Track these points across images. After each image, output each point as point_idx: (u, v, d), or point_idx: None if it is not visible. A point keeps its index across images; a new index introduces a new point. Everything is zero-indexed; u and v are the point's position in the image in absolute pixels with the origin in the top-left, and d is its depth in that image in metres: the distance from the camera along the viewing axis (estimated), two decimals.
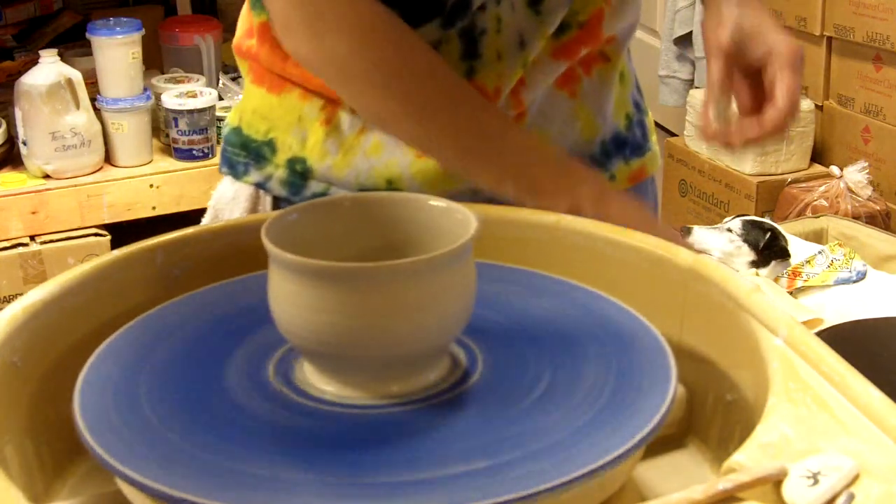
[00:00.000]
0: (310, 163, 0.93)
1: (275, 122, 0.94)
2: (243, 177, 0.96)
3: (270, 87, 0.94)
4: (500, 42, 0.87)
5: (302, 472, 0.56)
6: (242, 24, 0.99)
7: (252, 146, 0.95)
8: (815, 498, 0.50)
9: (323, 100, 0.91)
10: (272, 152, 0.94)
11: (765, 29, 0.82)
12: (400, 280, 0.59)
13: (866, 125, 2.75)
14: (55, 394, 0.67)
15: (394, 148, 0.90)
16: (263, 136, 0.95)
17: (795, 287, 2.24)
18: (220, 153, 1.00)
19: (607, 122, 0.96)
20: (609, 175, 0.96)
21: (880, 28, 2.63)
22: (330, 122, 0.91)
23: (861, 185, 2.62)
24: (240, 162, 0.96)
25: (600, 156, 0.95)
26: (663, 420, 0.58)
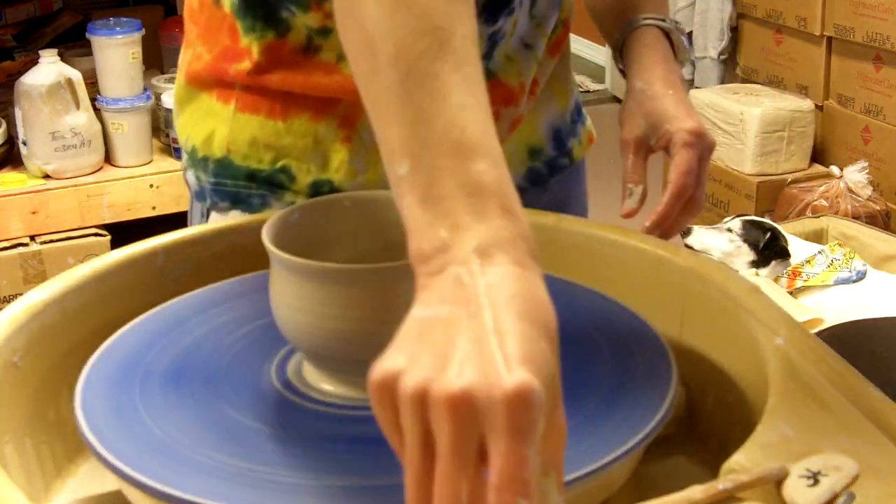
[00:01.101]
0: (337, 184, 0.88)
1: (285, 149, 0.88)
2: (261, 209, 0.90)
3: (271, 114, 0.88)
4: (507, 46, 0.89)
5: (302, 472, 0.56)
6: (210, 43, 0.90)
7: (261, 177, 0.89)
8: (815, 498, 0.50)
9: (338, 117, 0.87)
10: (290, 180, 0.89)
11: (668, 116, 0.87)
12: (400, 280, 0.59)
13: (866, 125, 2.75)
14: (55, 394, 0.67)
15: None
16: (271, 165, 0.89)
17: (795, 287, 2.24)
18: (210, 189, 0.91)
19: (571, 93, 1.01)
20: (578, 140, 1.01)
21: (880, 28, 2.63)
22: (350, 139, 0.88)
23: (861, 185, 2.62)
24: (253, 194, 0.90)
25: (570, 123, 1.00)
26: (663, 420, 0.58)
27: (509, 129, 0.92)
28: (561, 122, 1.00)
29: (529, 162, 0.97)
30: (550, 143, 0.99)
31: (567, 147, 1.00)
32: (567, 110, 1.00)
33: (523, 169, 0.96)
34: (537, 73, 0.93)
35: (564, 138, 1.00)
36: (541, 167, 0.98)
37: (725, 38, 3.21)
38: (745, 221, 2.36)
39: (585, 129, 1.04)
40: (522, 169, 0.96)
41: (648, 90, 0.89)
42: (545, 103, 0.97)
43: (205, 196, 0.92)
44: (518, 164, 0.96)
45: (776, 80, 3.04)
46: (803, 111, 2.82)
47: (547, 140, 0.98)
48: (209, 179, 0.92)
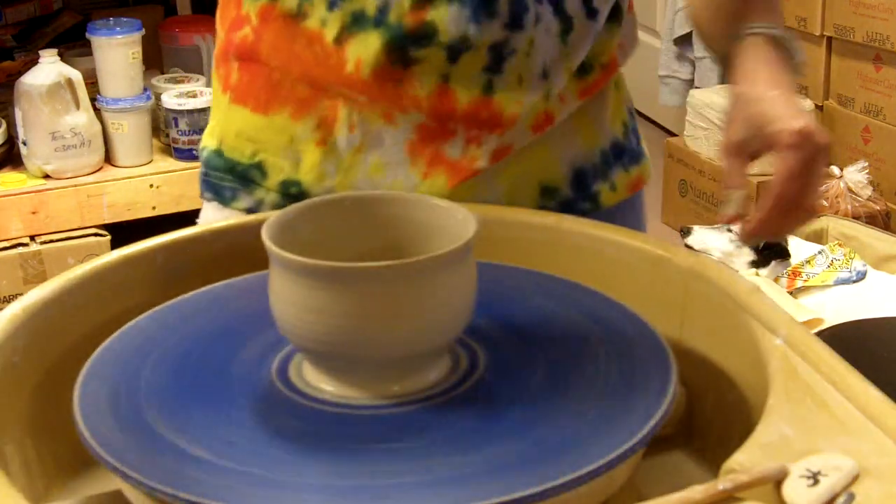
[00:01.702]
0: (305, 186, 0.89)
1: (263, 143, 0.90)
2: (231, 202, 0.92)
3: (256, 107, 0.90)
4: (524, 66, 0.85)
5: (301, 473, 0.56)
6: (224, 20, 0.93)
7: (238, 170, 0.91)
8: (815, 498, 0.50)
9: (316, 118, 0.88)
10: (262, 176, 0.90)
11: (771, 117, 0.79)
12: (400, 280, 0.59)
13: (866, 125, 2.75)
14: (55, 394, 0.67)
15: (397, 168, 0.87)
16: (250, 159, 0.90)
17: (795, 287, 2.24)
18: (201, 178, 0.94)
19: (605, 131, 0.94)
20: (609, 184, 0.93)
21: (880, 28, 2.63)
22: (325, 142, 0.88)
23: (861, 185, 2.62)
24: (226, 187, 0.92)
25: (601, 164, 0.93)
26: (663, 420, 0.58)
27: (492, 158, 0.87)
28: (586, 161, 0.92)
29: (541, 201, 0.90)
30: (569, 183, 0.91)
31: (591, 190, 0.92)
32: (596, 149, 0.93)
33: (532, 205, 0.89)
34: (552, 108, 0.88)
35: (589, 180, 0.92)
36: (553, 208, 0.90)
37: None
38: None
39: (626, 175, 0.95)
40: (531, 205, 0.89)
41: (751, 92, 0.81)
42: (566, 136, 0.91)
43: (200, 186, 0.95)
44: (526, 201, 0.89)
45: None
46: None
47: (565, 179, 0.91)
48: (202, 170, 0.95)
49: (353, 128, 0.87)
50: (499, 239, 0.78)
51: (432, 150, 0.87)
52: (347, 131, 0.87)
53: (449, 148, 0.86)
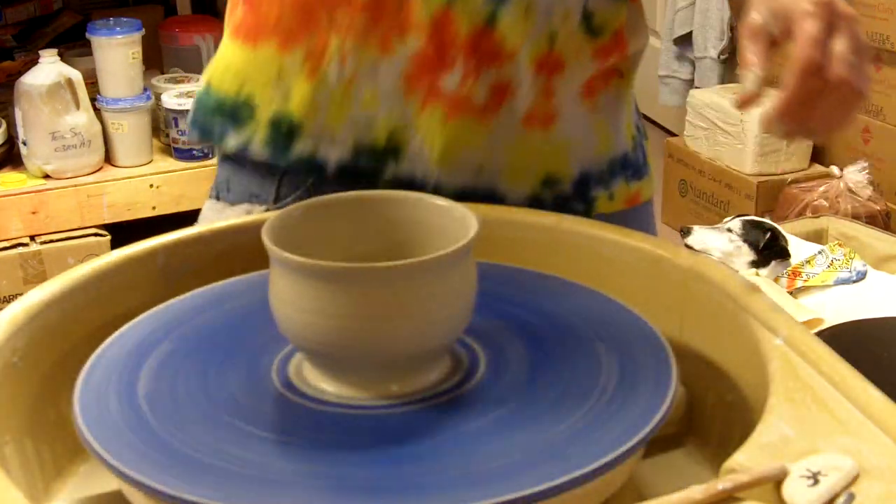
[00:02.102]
0: (297, 120, 0.86)
1: (250, 77, 0.88)
2: (220, 141, 0.90)
3: (247, 38, 0.88)
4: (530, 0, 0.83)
5: (301, 473, 0.56)
6: None
7: (226, 107, 0.89)
8: (815, 498, 0.50)
9: (304, 50, 0.85)
10: (250, 112, 0.88)
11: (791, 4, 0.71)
12: (400, 280, 0.59)
13: (866, 125, 2.75)
14: (55, 394, 0.67)
15: (392, 99, 0.85)
16: (237, 95, 0.88)
17: (795, 287, 2.24)
18: (190, 120, 0.93)
19: (619, 140, 0.93)
20: (608, 193, 0.92)
21: (880, 28, 2.63)
22: (315, 73, 0.85)
23: (861, 185, 2.63)
24: (215, 127, 0.90)
25: (606, 174, 0.92)
26: (663, 420, 0.58)
27: (491, 95, 0.85)
28: (593, 167, 0.90)
29: (540, 189, 0.88)
30: (572, 182, 0.90)
31: (589, 195, 0.90)
32: (606, 156, 0.91)
33: (527, 190, 0.88)
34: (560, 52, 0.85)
35: (591, 184, 0.91)
36: (548, 199, 0.89)
37: (725, 38, 3.21)
38: (745, 221, 2.36)
39: (626, 188, 0.93)
40: (528, 191, 0.88)
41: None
42: (584, 140, 0.89)
43: (188, 126, 0.94)
44: (527, 184, 0.88)
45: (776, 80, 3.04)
46: None
47: (570, 177, 0.89)
48: (192, 110, 0.93)
49: (344, 59, 0.85)
50: (499, 239, 0.78)
51: (429, 82, 0.84)
52: (339, 62, 0.85)
53: (446, 79, 0.84)
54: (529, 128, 0.87)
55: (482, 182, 0.87)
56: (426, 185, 0.86)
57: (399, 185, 0.85)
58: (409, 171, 0.86)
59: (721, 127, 2.89)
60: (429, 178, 0.86)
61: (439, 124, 0.85)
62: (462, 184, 0.87)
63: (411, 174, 0.86)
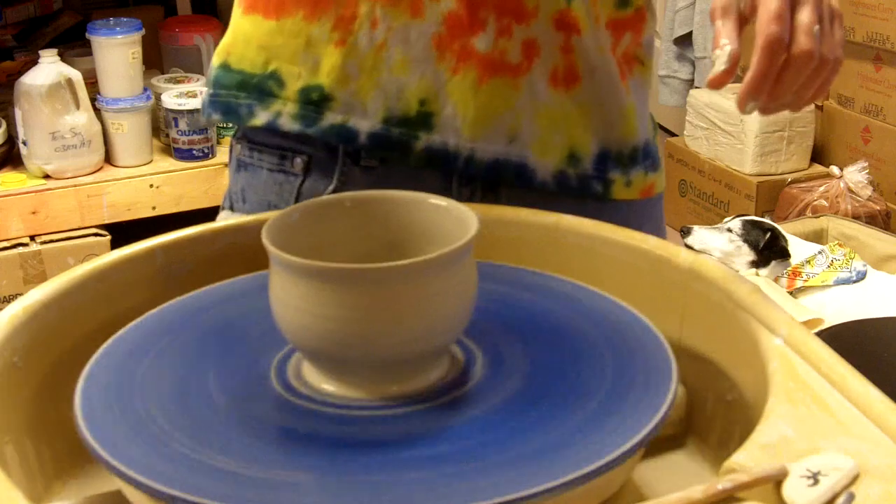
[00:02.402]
0: (327, 89, 0.85)
1: (276, 50, 0.86)
2: (248, 120, 0.88)
3: (267, 12, 0.86)
4: None
5: (302, 473, 0.56)
6: None
7: (252, 83, 0.87)
8: (815, 498, 0.50)
9: (333, 18, 0.84)
10: (279, 86, 0.86)
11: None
12: (400, 281, 0.59)
13: (866, 125, 2.75)
14: (55, 394, 0.67)
15: (424, 64, 0.84)
16: (263, 69, 0.87)
17: (795, 287, 2.25)
18: (208, 101, 0.91)
19: (643, 127, 0.94)
20: (626, 180, 0.92)
21: (880, 28, 2.63)
22: (345, 41, 0.84)
23: (861, 185, 2.63)
24: (241, 104, 0.88)
25: (626, 159, 0.92)
26: (663, 420, 0.58)
27: (525, 52, 0.84)
28: (612, 146, 0.91)
29: (564, 164, 0.89)
30: (592, 161, 0.90)
31: (607, 176, 0.91)
32: (628, 141, 0.92)
33: (555, 167, 0.89)
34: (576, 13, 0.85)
35: (609, 165, 0.91)
36: (572, 177, 0.89)
37: None
38: (745, 221, 2.36)
39: (644, 178, 0.94)
40: (554, 167, 0.89)
41: None
42: (607, 118, 0.90)
43: (204, 110, 0.91)
44: (553, 159, 0.88)
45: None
46: (803, 111, 2.82)
47: (591, 155, 0.90)
48: (209, 91, 0.91)
49: (375, 24, 0.84)
50: (499, 239, 0.78)
51: (461, 44, 0.84)
52: (370, 27, 0.84)
53: (479, 41, 0.84)
54: (555, 88, 0.87)
55: (514, 153, 0.87)
56: (459, 155, 0.86)
57: (431, 155, 0.85)
58: (441, 140, 0.86)
59: (721, 127, 2.89)
60: (461, 147, 0.86)
61: (472, 89, 0.84)
62: (494, 153, 0.86)
63: (444, 144, 0.86)
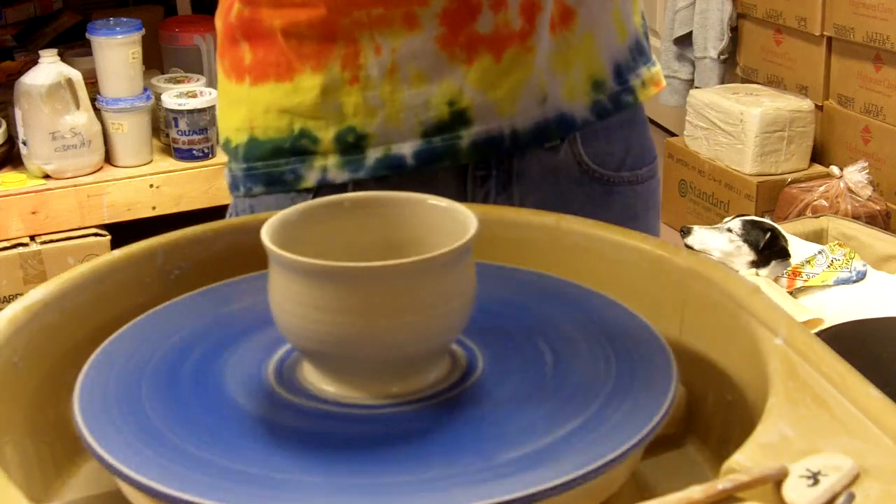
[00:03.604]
0: (360, 129, 0.86)
1: (296, 109, 0.87)
2: (298, 184, 0.88)
3: (279, 76, 0.87)
4: None
5: (301, 473, 0.56)
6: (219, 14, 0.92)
7: (286, 147, 0.88)
8: (815, 498, 0.50)
9: (339, 61, 0.85)
10: (313, 142, 0.87)
11: None
12: (400, 280, 0.59)
13: (866, 125, 2.75)
14: (55, 394, 0.67)
15: (439, 68, 0.85)
16: (290, 132, 0.88)
17: (795, 287, 2.25)
18: (242, 176, 0.91)
19: (631, 26, 0.96)
20: (640, 81, 0.95)
21: (880, 28, 2.63)
22: (357, 77, 0.85)
23: (861, 185, 2.63)
24: (285, 171, 0.88)
25: (631, 61, 0.95)
26: (663, 420, 0.58)
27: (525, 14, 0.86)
28: (621, 57, 0.94)
29: (594, 94, 0.92)
30: (612, 77, 0.93)
31: (629, 83, 0.95)
32: (626, 44, 0.95)
33: (588, 101, 0.92)
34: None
35: (625, 73, 0.95)
36: (605, 101, 0.93)
37: (725, 38, 3.22)
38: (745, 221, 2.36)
39: (649, 72, 0.98)
40: (587, 100, 0.92)
41: None
42: (607, 31, 0.93)
43: (238, 185, 0.92)
44: (583, 95, 0.92)
45: (776, 80, 3.05)
46: (803, 111, 2.82)
47: (609, 73, 0.93)
48: (240, 166, 0.91)
49: (378, 50, 0.85)
50: (499, 239, 0.78)
51: (465, 35, 0.85)
52: (374, 54, 0.85)
53: (480, 25, 0.85)
54: (558, 33, 0.89)
55: (550, 112, 0.89)
56: (503, 137, 0.87)
57: (479, 147, 0.87)
58: (483, 131, 0.87)
59: (721, 127, 2.89)
60: (504, 129, 0.87)
61: (492, 71, 0.86)
62: (534, 120, 0.89)
63: (486, 132, 0.87)
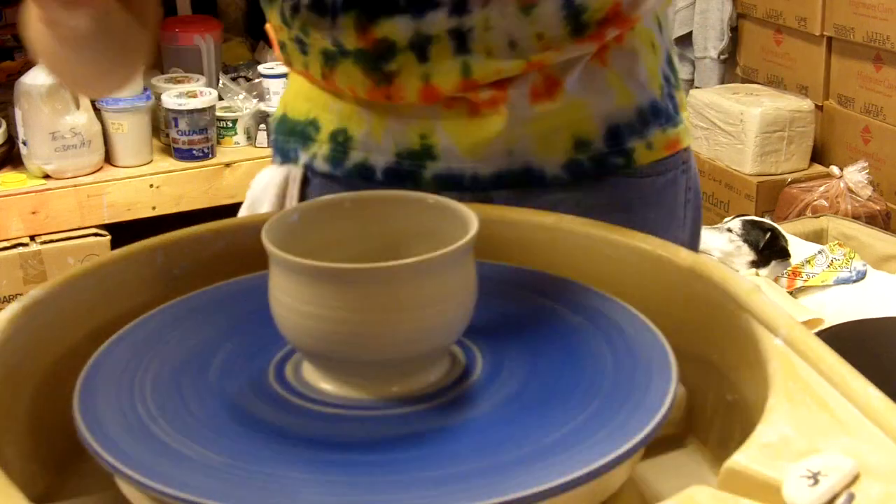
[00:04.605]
0: (350, 132, 0.94)
1: (314, 100, 0.96)
2: (293, 161, 0.99)
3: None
4: (488, 40, 0.86)
5: (302, 473, 0.56)
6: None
7: (297, 129, 0.98)
8: (815, 498, 0.50)
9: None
10: (316, 131, 0.96)
11: None
12: (400, 281, 0.59)
13: (866, 125, 2.75)
14: (55, 394, 0.67)
15: (422, 109, 0.90)
16: (305, 117, 0.97)
17: (795, 287, 2.25)
18: (273, 146, 1.04)
19: (642, 90, 0.94)
20: (646, 143, 0.93)
21: (880, 28, 2.63)
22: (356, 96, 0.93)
23: (861, 185, 2.63)
24: (290, 148, 0.99)
25: (637, 122, 0.93)
26: (663, 420, 0.58)
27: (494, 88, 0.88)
28: (621, 118, 0.92)
29: (574, 153, 0.91)
30: (603, 138, 0.91)
31: (625, 146, 0.92)
32: (631, 106, 0.93)
33: (564, 159, 0.91)
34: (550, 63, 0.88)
35: (624, 136, 0.92)
36: (585, 161, 0.91)
37: (725, 38, 3.21)
38: (745, 221, 2.36)
39: (664, 134, 0.95)
40: (564, 158, 0.91)
41: None
42: (600, 93, 0.91)
43: (273, 152, 1.04)
44: (559, 152, 0.91)
45: (776, 80, 3.05)
46: (803, 111, 2.82)
47: (598, 133, 0.91)
48: (272, 137, 1.04)
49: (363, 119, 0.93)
50: (499, 239, 0.78)
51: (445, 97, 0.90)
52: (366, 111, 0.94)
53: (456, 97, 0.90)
54: (539, 103, 0.89)
55: (516, 163, 0.91)
56: (464, 177, 0.91)
57: (440, 180, 0.91)
58: (445, 167, 0.91)
59: (721, 127, 2.89)
60: (465, 170, 0.91)
61: (463, 121, 0.90)
62: (497, 169, 0.91)
63: (448, 168, 0.91)
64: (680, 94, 0.99)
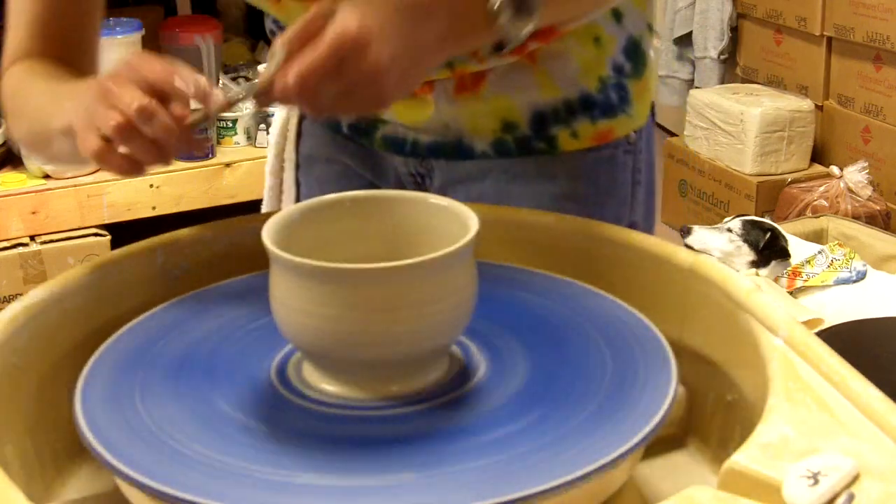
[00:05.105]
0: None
1: None
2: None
3: None
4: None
5: (302, 472, 0.56)
6: None
7: None
8: (815, 498, 0.50)
9: None
10: None
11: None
12: (400, 281, 0.59)
13: (866, 125, 2.75)
14: (55, 394, 0.67)
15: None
16: None
17: (795, 287, 2.24)
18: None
19: (571, 84, 0.96)
20: (571, 132, 0.97)
21: (880, 28, 2.63)
22: None
23: (861, 185, 2.62)
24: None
25: (563, 112, 0.96)
26: (663, 420, 0.58)
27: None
28: (546, 107, 0.96)
29: (501, 133, 0.96)
30: (528, 123, 0.96)
31: (548, 132, 0.96)
32: (557, 98, 0.96)
33: (492, 137, 0.97)
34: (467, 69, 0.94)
35: (548, 123, 0.97)
36: (510, 142, 0.97)
37: (725, 38, 3.22)
38: (745, 221, 2.36)
39: (592, 126, 0.97)
40: (491, 137, 0.97)
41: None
42: (524, 88, 0.95)
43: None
44: (487, 131, 0.97)
45: (776, 80, 3.05)
46: (803, 111, 2.82)
47: (524, 118, 0.96)
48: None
49: None
50: (499, 239, 0.78)
51: None
52: None
53: None
54: (462, 95, 0.95)
55: (450, 136, 0.98)
56: (406, 142, 1.00)
57: (387, 142, 1.01)
58: (392, 131, 1.00)
59: (721, 127, 2.89)
60: (407, 137, 1.00)
61: (401, 103, 0.97)
62: (433, 139, 0.99)
63: (394, 133, 1.00)
64: (639, 84, 0.99)
